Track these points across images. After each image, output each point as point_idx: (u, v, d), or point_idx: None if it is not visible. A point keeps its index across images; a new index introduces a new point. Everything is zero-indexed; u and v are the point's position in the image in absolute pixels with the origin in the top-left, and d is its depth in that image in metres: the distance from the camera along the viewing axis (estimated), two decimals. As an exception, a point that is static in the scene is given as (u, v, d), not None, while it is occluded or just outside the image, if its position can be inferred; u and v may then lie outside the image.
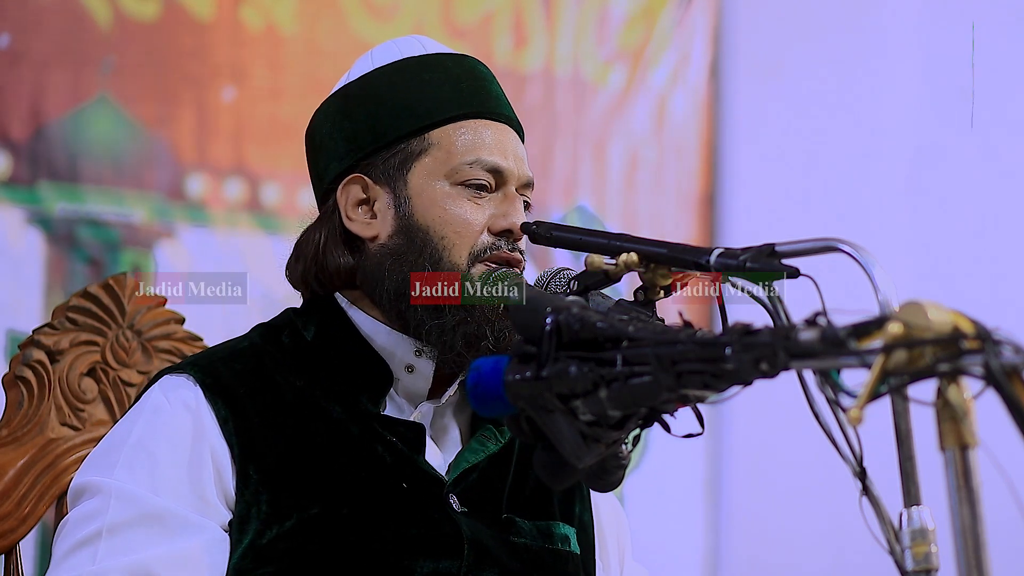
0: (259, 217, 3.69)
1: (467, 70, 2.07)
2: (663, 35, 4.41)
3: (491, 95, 2.07)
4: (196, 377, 1.95)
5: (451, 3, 4.02)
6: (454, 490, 1.98)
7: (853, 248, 1.53)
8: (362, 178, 2.03)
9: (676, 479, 4.31)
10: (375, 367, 2.00)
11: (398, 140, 2.02)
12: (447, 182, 2.00)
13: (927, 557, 1.43)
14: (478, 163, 2.00)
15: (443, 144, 2.01)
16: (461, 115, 2.03)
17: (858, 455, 1.52)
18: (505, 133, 2.05)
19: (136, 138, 3.55)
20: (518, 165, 2.03)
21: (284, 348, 2.02)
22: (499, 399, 1.45)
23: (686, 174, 4.45)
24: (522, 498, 2.04)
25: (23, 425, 2.19)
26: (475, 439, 2.04)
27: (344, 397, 1.98)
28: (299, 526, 1.90)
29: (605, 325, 1.41)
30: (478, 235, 1.99)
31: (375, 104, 2.04)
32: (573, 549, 2.06)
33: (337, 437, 1.96)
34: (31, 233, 3.42)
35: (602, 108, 4.30)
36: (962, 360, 1.23)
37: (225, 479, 1.91)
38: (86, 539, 1.87)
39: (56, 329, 2.23)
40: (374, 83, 2.06)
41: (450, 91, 2.04)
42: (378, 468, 1.95)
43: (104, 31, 3.51)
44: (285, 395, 1.97)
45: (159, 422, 1.93)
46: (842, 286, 1.54)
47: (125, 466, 1.90)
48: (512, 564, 1.97)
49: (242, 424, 1.93)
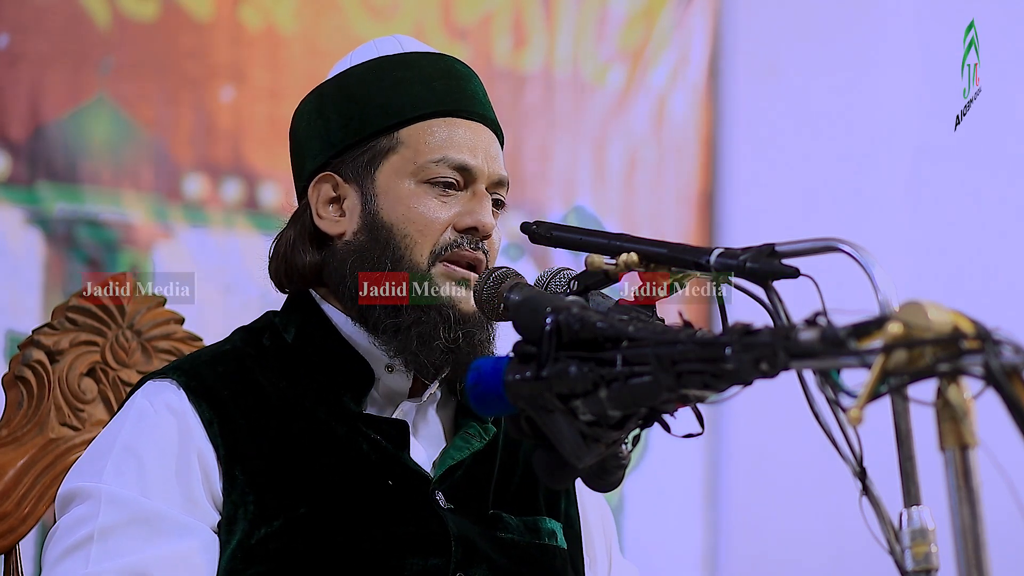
0: (257, 217, 3.69)
1: (442, 69, 2.08)
2: (662, 35, 4.41)
3: (466, 94, 2.07)
4: (180, 381, 1.96)
5: (451, 3, 4.02)
6: (440, 487, 1.99)
7: (853, 248, 1.53)
8: (333, 176, 2.05)
9: (676, 479, 4.31)
10: (356, 367, 2.01)
11: (368, 138, 2.03)
12: (413, 180, 2.01)
13: (927, 557, 1.43)
14: (444, 161, 2.01)
15: (412, 142, 2.02)
16: (431, 113, 2.03)
17: (858, 455, 1.52)
18: (477, 131, 2.05)
19: (135, 138, 3.55)
20: (488, 163, 2.04)
21: (266, 351, 2.03)
22: (499, 399, 1.45)
23: (685, 174, 4.45)
24: (508, 494, 2.05)
25: (23, 425, 2.19)
26: (459, 436, 2.05)
27: (327, 397, 1.99)
28: (287, 526, 1.90)
29: (605, 325, 1.41)
30: (440, 233, 1.99)
31: (348, 102, 2.05)
32: (560, 544, 2.07)
33: (322, 437, 1.97)
34: (30, 233, 3.41)
35: (601, 108, 4.30)
36: (962, 360, 1.23)
37: (212, 480, 1.92)
38: (77, 544, 1.87)
39: (56, 329, 2.23)
40: (348, 81, 2.07)
41: (422, 90, 2.04)
42: (364, 467, 1.96)
43: (103, 31, 3.51)
44: (269, 396, 1.98)
45: (145, 426, 1.94)
46: (842, 286, 1.54)
47: (113, 470, 1.91)
48: (500, 560, 1.98)
49: (227, 426, 1.94)
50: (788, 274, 1.57)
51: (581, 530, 2.14)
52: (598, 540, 2.18)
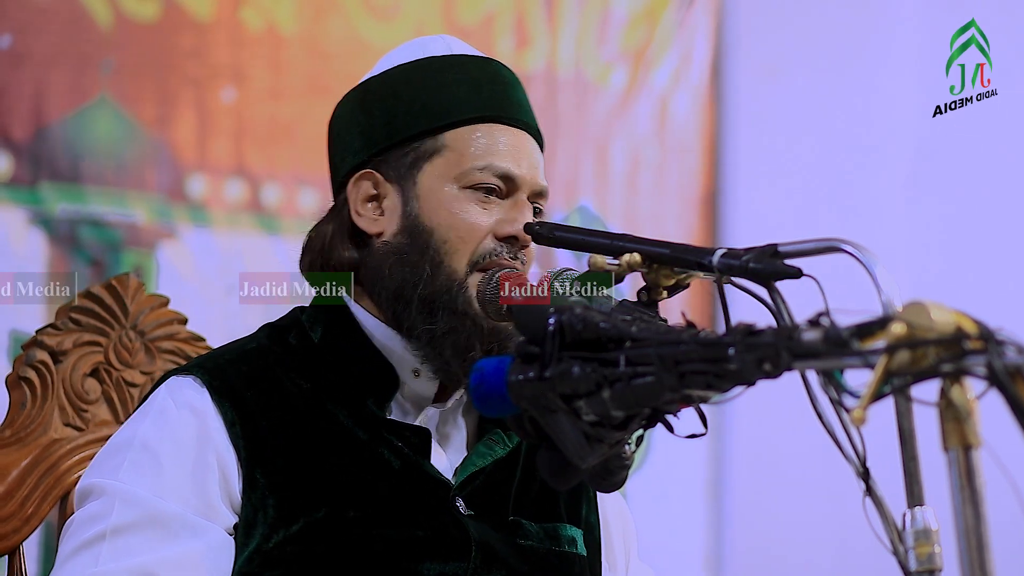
0: (260, 218, 3.69)
1: (489, 73, 2.06)
2: (665, 36, 4.41)
3: (512, 100, 2.05)
4: (203, 379, 1.95)
5: (452, 3, 4.02)
6: (460, 494, 1.97)
7: (856, 248, 1.53)
8: (374, 174, 2.02)
9: (679, 479, 4.31)
10: (382, 371, 1.99)
11: (412, 139, 2.00)
12: (456, 185, 1.98)
13: (930, 558, 1.43)
14: (489, 168, 1.98)
15: (456, 146, 1.99)
16: (477, 118, 2.01)
17: (861, 455, 1.52)
18: (522, 139, 2.03)
19: (137, 139, 3.55)
20: (531, 173, 2.01)
21: (291, 349, 2.01)
22: (502, 399, 1.45)
23: (688, 174, 4.44)
24: (528, 500, 2.03)
25: (26, 426, 2.19)
26: (482, 443, 2.03)
27: (351, 401, 1.97)
28: (306, 530, 1.89)
29: (608, 325, 1.41)
30: (481, 240, 1.97)
31: (393, 100, 2.03)
32: (580, 551, 2.05)
33: (344, 441, 1.95)
34: (33, 234, 3.42)
35: (604, 108, 4.30)
36: (965, 360, 1.23)
37: (231, 483, 1.91)
38: (89, 541, 1.87)
39: (59, 330, 2.23)
40: (394, 79, 2.04)
41: (468, 93, 2.02)
42: (384, 472, 1.95)
43: (104, 32, 3.51)
44: (292, 398, 1.96)
45: (164, 424, 1.93)
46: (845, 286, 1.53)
47: (130, 468, 1.90)
48: (519, 566, 1.97)
49: (249, 428, 1.92)
50: (791, 274, 1.57)
51: (601, 536, 2.12)
52: (618, 545, 2.16)
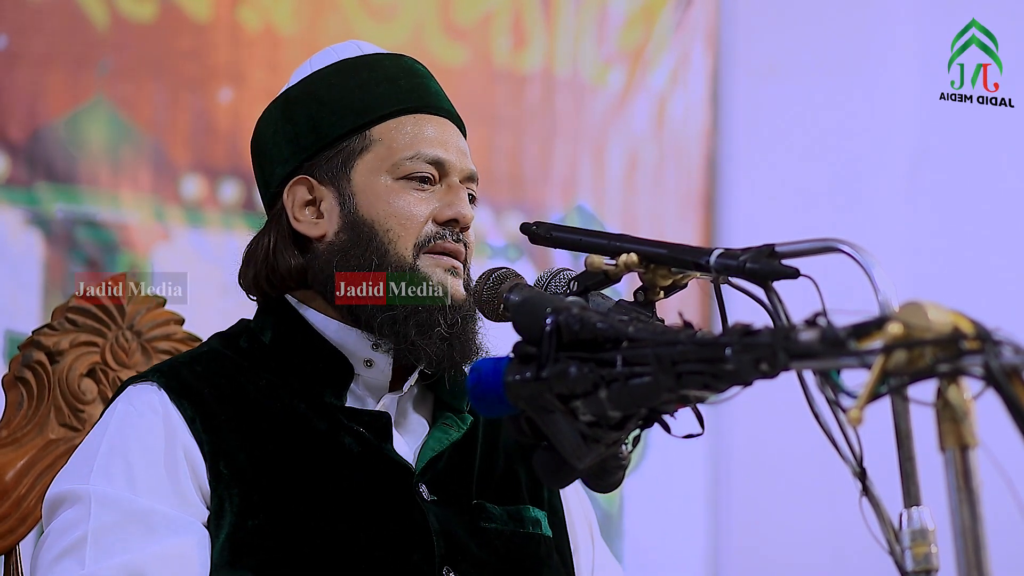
0: (254, 219, 3.68)
1: (405, 68, 2.12)
2: (662, 36, 4.41)
3: (430, 91, 2.11)
4: (159, 382, 1.98)
5: (450, 4, 4.02)
6: (423, 479, 2.00)
7: (853, 248, 1.53)
8: (307, 179, 2.06)
9: (676, 480, 4.31)
10: (335, 362, 2.02)
11: (340, 139, 2.05)
12: (390, 176, 2.04)
13: (927, 557, 1.43)
14: (419, 156, 2.04)
15: (384, 139, 2.05)
16: (401, 110, 2.06)
17: (858, 455, 1.52)
18: (445, 127, 2.09)
19: (133, 139, 3.55)
20: (459, 158, 2.07)
21: (243, 352, 2.05)
22: (499, 399, 1.45)
23: (685, 175, 4.44)
24: (491, 483, 2.07)
25: (23, 426, 2.19)
26: (436, 427, 2.06)
27: (307, 394, 2.01)
28: (271, 520, 1.91)
29: (605, 325, 1.41)
30: (422, 226, 2.02)
31: (316, 105, 2.07)
32: (544, 532, 2.09)
33: (304, 431, 1.98)
34: (29, 234, 3.41)
35: (601, 109, 4.30)
36: (962, 360, 1.23)
37: (199, 475, 1.93)
38: (70, 547, 1.87)
39: (56, 330, 2.23)
40: (314, 85, 2.09)
41: (388, 88, 2.07)
42: (347, 460, 1.97)
43: (101, 32, 3.51)
44: (249, 394, 1.99)
45: (128, 427, 1.95)
46: (842, 287, 1.53)
47: (101, 472, 1.91)
48: (483, 550, 2.00)
49: (209, 423, 1.95)
50: (788, 274, 1.57)
51: (565, 518, 2.15)
52: (580, 526, 2.19)
